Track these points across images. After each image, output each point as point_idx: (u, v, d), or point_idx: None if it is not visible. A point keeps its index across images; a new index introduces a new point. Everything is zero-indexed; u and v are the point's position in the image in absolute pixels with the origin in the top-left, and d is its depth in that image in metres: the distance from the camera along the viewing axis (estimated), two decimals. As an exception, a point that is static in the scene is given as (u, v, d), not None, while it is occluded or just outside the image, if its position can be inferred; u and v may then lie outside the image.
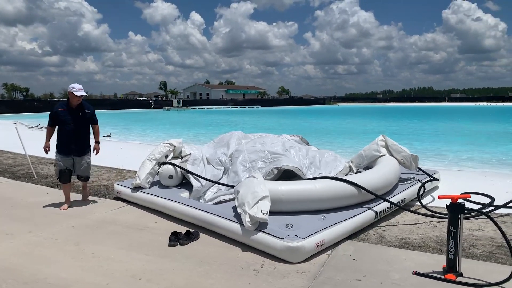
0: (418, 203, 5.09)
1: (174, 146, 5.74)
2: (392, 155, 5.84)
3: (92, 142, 5.43)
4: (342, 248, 3.83)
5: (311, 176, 5.25)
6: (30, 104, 56.84)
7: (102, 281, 3.16)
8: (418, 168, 5.97)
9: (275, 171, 5.09)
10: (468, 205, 4.68)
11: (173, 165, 5.49)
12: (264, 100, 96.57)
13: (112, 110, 55.25)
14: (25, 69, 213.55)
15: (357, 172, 5.88)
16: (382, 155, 5.82)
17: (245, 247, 3.84)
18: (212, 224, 4.23)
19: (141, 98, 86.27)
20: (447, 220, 3.21)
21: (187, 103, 75.49)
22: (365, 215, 4.32)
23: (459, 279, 3.12)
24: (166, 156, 5.68)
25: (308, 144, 6.95)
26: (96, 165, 8.68)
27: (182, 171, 5.44)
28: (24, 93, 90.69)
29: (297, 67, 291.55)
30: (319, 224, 3.88)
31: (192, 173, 5.30)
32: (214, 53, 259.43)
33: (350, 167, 6.01)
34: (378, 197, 4.60)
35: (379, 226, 4.50)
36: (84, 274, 3.28)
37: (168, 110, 63.98)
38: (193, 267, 3.44)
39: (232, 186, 4.90)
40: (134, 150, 12.52)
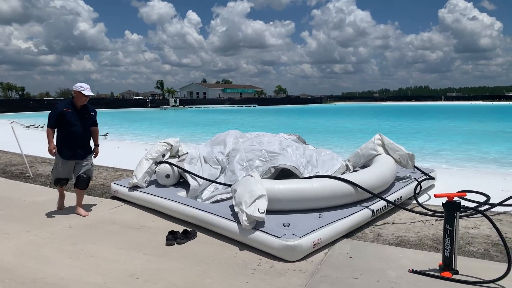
0: (414, 201, 5.12)
1: (171, 145, 5.74)
2: (389, 154, 5.87)
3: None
4: (339, 247, 3.85)
5: (308, 175, 5.27)
6: (26, 103, 56.53)
7: (100, 280, 3.16)
8: (415, 166, 6.00)
9: (272, 170, 5.10)
10: (464, 203, 4.72)
11: (170, 164, 5.49)
12: (261, 99, 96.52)
13: (108, 110, 55.07)
14: (21, 68, 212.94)
15: (354, 170, 5.89)
16: (378, 154, 5.85)
17: (243, 245, 3.85)
18: (210, 223, 4.24)
19: (137, 97, 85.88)
20: (443, 218, 3.23)
21: (184, 102, 75.36)
22: (362, 214, 4.34)
23: (455, 276, 3.14)
24: (163, 155, 5.67)
25: (305, 143, 6.97)
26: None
27: (179, 170, 5.44)
28: (20, 92, 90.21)
29: (294, 66, 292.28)
30: (316, 223, 3.89)
31: (189, 172, 5.30)
32: (211, 52, 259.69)
33: (347, 165, 6.03)
34: (375, 195, 4.62)
35: (375, 225, 4.52)
36: (81, 274, 3.28)
37: (165, 109, 63.85)
38: (191, 266, 3.45)
39: (229, 185, 4.91)
40: (131, 149, 12.48)
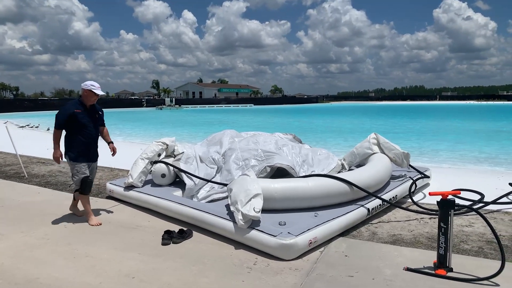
0: (409, 200, 5.14)
1: (167, 145, 5.72)
2: (384, 153, 5.89)
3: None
4: (335, 245, 3.86)
5: (304, 174, 5.27)
6: (20, 103, 56.18)
7: (95, 281, 3.15)
8: (410, 165, 6.03)
9: (268, 169, 5.10)
10: (458, 201, 4.75)
11: (166, 163, 5.48)
12: (257, 99, 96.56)
13: (104, 109, 54.74)
14: (15, 67, 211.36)
15: (350, 169, 5.91)
16: (374, 153, 5.87)
17: (238, 244, 3.85)
18: (205, 222, 4.23)
19: (133, 97, 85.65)
20: (437, 217, 3.25)
21: (179, 102, 75.20)
22: (358, 212, 4.36)
23: (450, 274, 3.17)
24: (159, 155, 5.66)
25: (301, 142, 6.98)
26: (88, 164, 8.64)
27: (175, 169, 5.43)
28: (14, 92, 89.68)
29: (290, 66, 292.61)
30: (312, 222, 3.90)
31: (185, 172, 5.29)
32: (206, 51, 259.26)
33: (342, 164, 6.04)
34: (370, 194, 4.63)
35: (371, 223, 4.54)
36: (76, 274, 3.26)
37: (161, 109, 63.67)
38: (187, 265, 3.44)
39: (225, 185, 4.90)
40: (126, 149, 12.41)
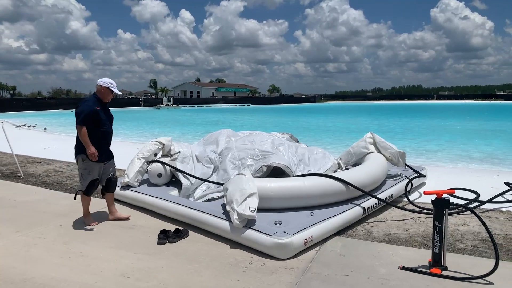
0: (405, 199, 5.16)
1: (163, 144, 5.72)
2: (380, 152, 5.91)
3: None
4: (330, 244, 3.87)
5: (300, 173, 5.28)
6: (17, 102, 56.01)
7: (91, 280, 3.15)
8: (406, 164, 6.05)
9: (264, 169, 5.11)
10: (453, 200, 4.76)
11: (162, 163, 5.48)
12: (255, 98, 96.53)
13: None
14: (12, 67, 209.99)
15: (346, 169, 5.93)
16: (370, 152, 5.88)
17: (234, 244, 3.85)
18: (201, 222, 4.24)
19: (130, 97, 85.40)
20: (432, 216, 3.27)
21: (177, 101, 75.10)
22: (353, 211, 4.37)
23: (444, 272, 3.18)
24: (155, 154, 5.66)
25: (297, 141, 7.00)
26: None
27: (171, 169, 5.43)
28: (11, 92, 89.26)
29: (288, 65, 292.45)
30: (307, 221, 3.91)
31: (181, 171, 5.29)
32: (204, 51, 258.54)
33: (338, 164, 6.06)
34: (366, 193, 4.65)
35: (367, 222, 4.55)
36: (72, 273, 3.26)
37: (158, 108, 63.58)
38: (182, 264, 3.45)
39: (222, 184, 4.91)
40: (123, 148, 12.38)
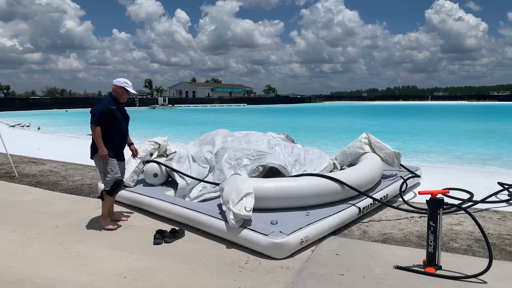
0: (400, 199, 5.20)
1: (159, 144, 5.72)
2: (375, 152, 5.95)
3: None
4: (326, 244, 3.90)
5: (296, 173, 5.30)
6: (11, 102, 55.59)
7: (87, 280, 3.15)
8: (401, 165, 6.09)
9: (260, 169, 5.12)
10: (448, 200, 4.81)
11: (158, 163, 5.48)
12: (250, 98, 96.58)
13: (96, 108, 54.35)
14: (6, 66, 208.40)
15: (341, 169, 5.96)
16: (365, 152, 5.92)
17: (230, 244, 3.87)
18: (198, 222, 4.24)
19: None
20: (427, 215, 3.30)
21: (173, 101, 74.95)
22: (349, 211, 4.40)
23: (439, 272, 3.22)
24: (151, 154, 5.65)
25: (293, 141, 7.02)
26: (80, 164, 8.60)
27: (167, 169, 5.43)
28: (5, 91, 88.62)
29: (283, 65, 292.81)
30: (303, 221, 3.93)
31: (177, 171, 5.29)
32: (200, 51, 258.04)
33: (334, 164, 6.09)
34: (361, 193, 4.68)
35: (362, 222, 4.58)
36: (68, 273, 3.25)
37: (154, 108, 63.39)
38: (179, 264, 3.45)
39: (218, 184, 4.92)
40: (119, 148, 12.36)
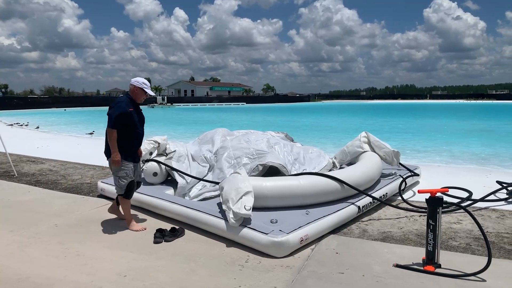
0: (399, 197, 5.21)
1: (159, 143, 5.71)
2: (375, 151, 5.95)
3: None
4: (326, 243, 3.90)
5: (295, 172, 5.31)
6: (10, 101, 55.44)
7: (87, 279, 3.14)
8: (400, 163, 6.10)
9: (260, 168, 5.13)
10: (447, 199, 4.82)
11: (158, 162, 5.47)
12: (249, 97, 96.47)
13: (94, 108, 54.42)
14: (4, 65, 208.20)
15: (341, 168, 5.97)
16: (364, 151, 5.93)
17: (230, 242, 3.87)
18: (197, 221, 4.24)
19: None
20: (426, 214, 3.31)
21: (171, 100, 74.89)
22: (348, 210, 4.41)
23: (438, 270, 3.22)
24: (151, 153, 5.65)
25: (292, 140, 7.02)
26: (79, 163, 8.59)
27: (167, 168, 5.43)
28: (3, 90, 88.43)
29: (282, 64, 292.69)
30: (303, 219, 3.93)
31: (177, 170, 5.29)
32: (198, 49, 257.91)
33: (333, 163, 6.10)
34: (361, 192, 4.69)
35: (361, 221, 4.59)
36: (68, 273, 3.25)
37: (153, 107, 63.23)
38: (179, 263, 3.45)
39: (217, 183, 4.92)
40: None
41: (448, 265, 3.28)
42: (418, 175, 6.36)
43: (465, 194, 5.52)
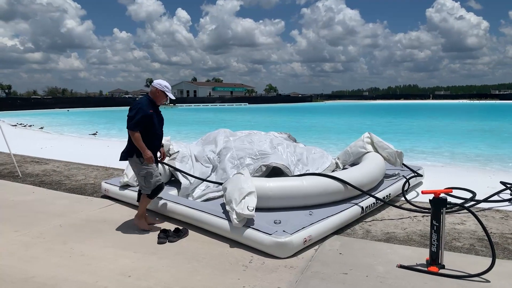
0: (403, 198, 5.20)
1: (162, 144, 5.71)
2: (378, 152, 5.95)
3: None
4: (329, 243, 3.90)
5: (298, 173, 5.31)
6: (13, 101, 55.72)
7: (91, 279, 3.16)
8: (403, 164, 6.09)
9: (263, 168, 5.13)
10: (450, 199, 4.81)
11: (161, 162, 5.47)
12: (251, 97, 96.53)
13: (97, 108, 54.58)
14: (7, 66, 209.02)
15: (344, 168, 5.96)
16: (367, 152, 5.92)
17: (234, 243, 3.88)
18: (201, 221, 4.25)
19: (127, 96, 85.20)
20: (430, 215, 3.30)
21: (174, 100, 74.88)
22: (352, 211, 4.40)
23: (442, 271, 3.22)
24: (154, 154, 5.65)
25: (295, 141, 7.03)
26: (83, 163, 8.62)
27: (170, 168, 5.44)
28: (6, 91, 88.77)
29: (284, 64, 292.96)
30: (306, 220, 3.94)
31: (180, 171, 5.30)
32: (200, 50, 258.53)
33: (336, 163, 6.09)
34: (364, 192, 4.68)
35: (365, 221, 4.58)
36: (72, 273, 3.27)
37: (155, 107, 63.27)
38: (182, 264, 3.46)
39: (221, 183, 4.93)
40: (121, 148, 12.35)
41: (452, 266, 3.28)
42: (421, 175, 6.35)
43: (468, 195, 5.51)
